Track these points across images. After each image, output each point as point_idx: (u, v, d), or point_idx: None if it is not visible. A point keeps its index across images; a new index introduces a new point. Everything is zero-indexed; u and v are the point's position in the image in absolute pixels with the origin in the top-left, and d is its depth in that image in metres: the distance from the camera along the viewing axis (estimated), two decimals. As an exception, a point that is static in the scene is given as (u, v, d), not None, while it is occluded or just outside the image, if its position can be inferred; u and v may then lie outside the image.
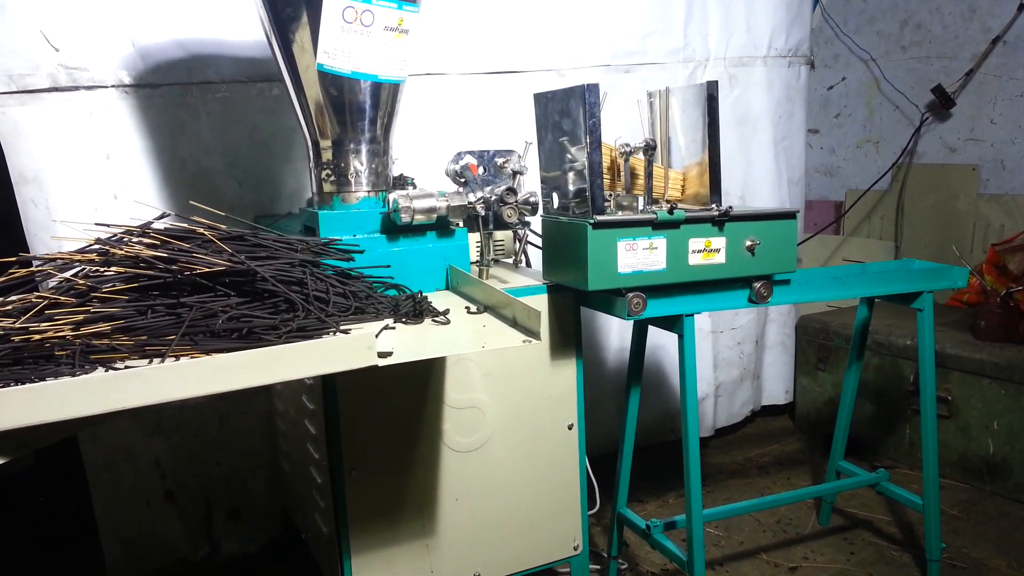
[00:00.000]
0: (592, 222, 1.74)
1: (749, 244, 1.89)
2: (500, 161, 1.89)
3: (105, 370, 1.28)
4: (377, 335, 1.47)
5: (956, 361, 2.86)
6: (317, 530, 2.01)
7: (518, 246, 1.94)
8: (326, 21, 1.66)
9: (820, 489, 2.55)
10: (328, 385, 1.73)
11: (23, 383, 1.19)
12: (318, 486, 1.93)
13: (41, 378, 1.24)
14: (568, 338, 1.98)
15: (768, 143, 3.28)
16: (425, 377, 1.81)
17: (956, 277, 2.18)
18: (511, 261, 2.03)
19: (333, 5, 1.65)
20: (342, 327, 1.48)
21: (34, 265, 1.51)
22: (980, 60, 3.68)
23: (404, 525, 1.84)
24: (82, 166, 2.21)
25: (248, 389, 1.27)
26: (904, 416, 3.08)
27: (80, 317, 1.39)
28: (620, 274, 1.79)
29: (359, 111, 1.77)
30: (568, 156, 1.82)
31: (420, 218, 1.75)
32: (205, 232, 1.56)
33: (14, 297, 1.46)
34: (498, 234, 2.06)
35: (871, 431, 3.19)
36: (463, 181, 1.87)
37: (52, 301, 1.42)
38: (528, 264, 2.24)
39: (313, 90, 1.75)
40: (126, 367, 1.27)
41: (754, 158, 3.28)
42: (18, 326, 1.31)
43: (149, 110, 2.27)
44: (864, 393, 3.14)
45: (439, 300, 1.71)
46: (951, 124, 3.84)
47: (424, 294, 1.66)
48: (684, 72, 3.11)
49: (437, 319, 1.56)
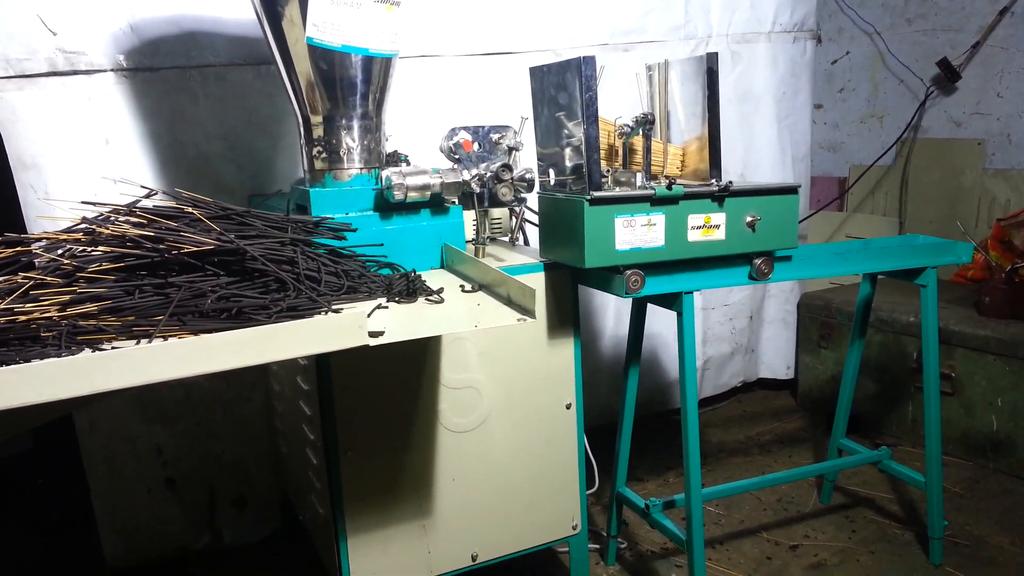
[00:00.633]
0: (589, 198, 1.71)
1: (749, 220, 1.86)
2: (495, 137, 1.86)
3: (92, 351, 1.26)
4: (369, 315, 1.45)
5: (960, 338, 2.84)
6: (314, 512, 2.00)
7: (514, 223, 1.91)
8: (316, -7, 1.63)
9: (822, 467, 2.54)
10: (322, 365, 1.71)
11: (7, 364, 1.17)
12: (314, 467, 1.92)
13: (26, 359, 1.22)
14: (566, 316, 1.96)
15: (771, 120, 3.24)
16: (421, 356, 1.79)
17: (960, 252, 2.15)
18: (508, 239, 2.00)
19: (323, -23, 1.61)
20: (334, 307, 1.46)
21: (23, 245, 1.49)
22: (987, 32, 3.62)
23: (400, 506, 1.83)
24: (81, 151, 2.18)
25: (249, 374, 1.25)
26: (907, 393, 3.06)
27: (66, 298, 1.37)
28: (618, 251, 1.76)
29: (350, 86, 1.74)
30: (565, 131, 1.78)
31: (413, 195, 1.72)
32: (192, 211, 1.54)
33: (1, 278, 1.44)
34: (495, 212, 2.04)
35: (874, 408, 3.18)
36: (457, 158, 1.84)
37: (38, 281, 1.39)
38: (526, 242, 2.22)
39: (303, 65, 1.72)
40: (113, 348, 1.25)
41: (756, 135, 3.25)
42: (3, 307, 1.29)
43: (148, 94, 2.23)
44: (867, 370, 3.12)
45: (433, 279, 1.69)
46: (956, 98, 3.79)
47: (418, 273, 1.64)
48: (685, 50, 3.06)
49: (431, 298, 1.54)
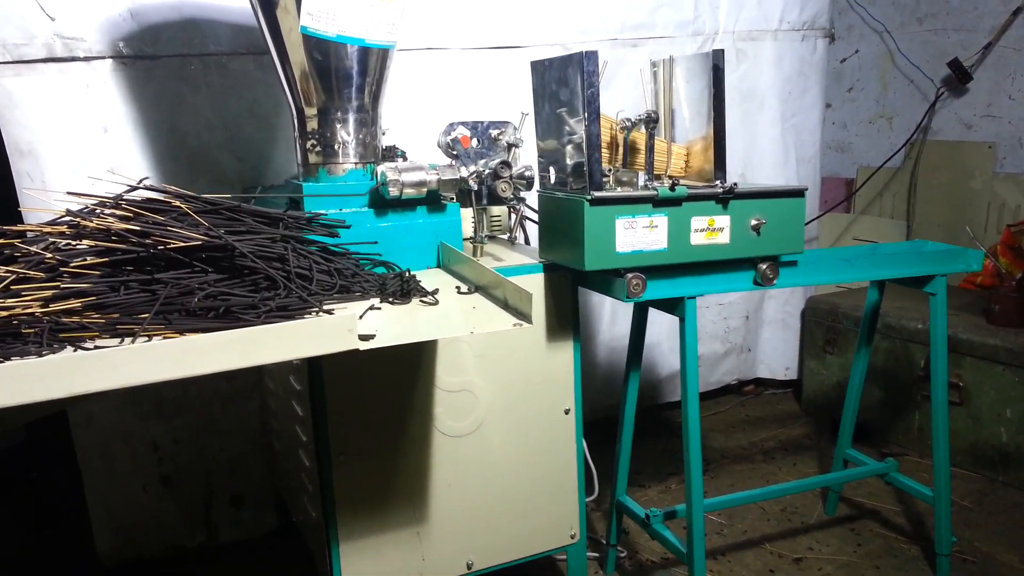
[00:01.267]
0: (589, 198, 1.68)
1: (755, 223, 1.83)
2: (495, 133, 1.83)
3: (74, 349, 1.23)
4: (361, 316, 1.42)
5: (968, 346, 2.80)
6: (306, 515, 1.96)
7: (513, 222, 1.88)
8: (311, -18, 1.60)
9: (826, 479, 2.50)
10: (314, 366, 1.68)
11: (-15, 362, 1.13)
12: (306, 469, 1.89)
13: (6, 357, 1.19)
14: (565, 320, 1.92)
15: (775, 120, 3.21)
16: (415, 359, 1.76)
17: (970, 260, 2.12)
18: (507, 237, 1.97)
19: (318, -34, 1.58)
20: (325, 307, 1.43)
21: (5, 237, 1.45)
22: (999, 33, 3.58)
23: (394, 511, 1.79)
24: (79, 139, 2.16)
25: (250, 371, 1.22)
26: (914, 402, 3.02)
27: (49, 293, 1.34)
28: (619, 253, 1.73)
29: (346, 78, 1.71)
30: (566, 128, 1.75)
31: (409, 192, 1.69)
32: (180, 204, 1.51)
33: (-19, 272, 1.40)
34: (494, 209, 2.01)
35: (880, 417, 3.14)
36: (455, 154, 1.81)
37: (20, 276, 1.36)
38: (527, 241, 2.18)
39: (297, 55, 1.69)
40: (96, 347, 1.22)
41: (759, 135, 3.22)
42: (-19, 302, 1.26)
43: (148, 82, 2.20)
44: (873, 378, 3.08)
45: (429, 279, 1.66)
46: (967, 100, 3.76)
47: (413, 272, 1.61)
48: (693, 46, 3.04)
49: (425, 299, 1.51)
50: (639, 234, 1.74)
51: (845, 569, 2.32)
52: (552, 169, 1.84)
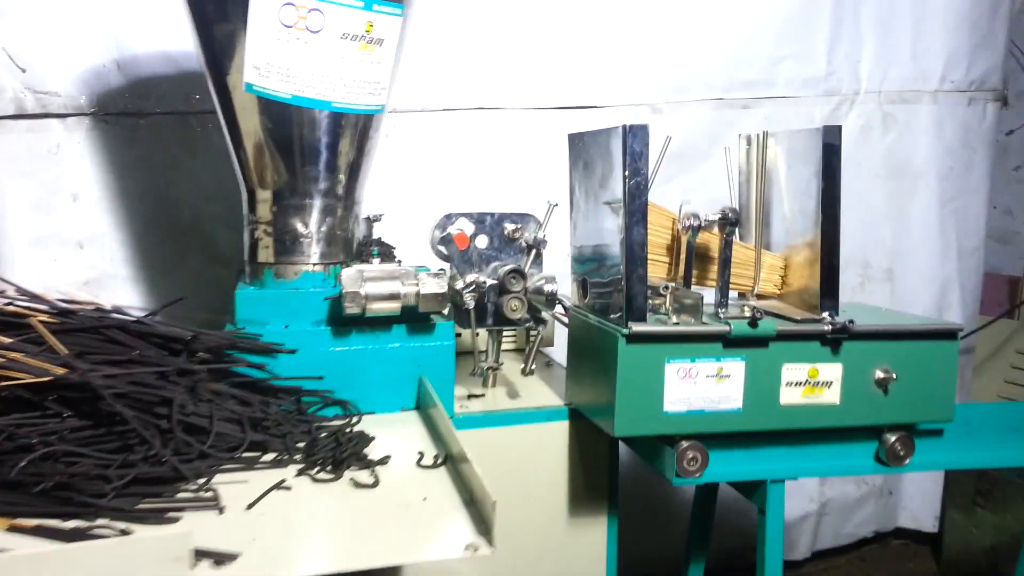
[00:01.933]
0: (626, 332, 1.17)
1: (881, 376, 1.27)
2: (510, 229, 1.35)
3: None
4: (251, 505, 0.97)
5: None
6: None
7: (530, 351, 1.38)
8: (255, 24, 1.19)
9: None
10: None
11: None
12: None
13: None
14: (596, 486, 1.42)
15: (932, 203, 2.59)
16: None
17: None
18: (522, 370, 1.44)
19: (265, 2, 1.17)
20: (217, 478, 0.99)
21: None
22: None
23: None
24: (44, 208, 1.83)
25: None
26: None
27: None
28: (668, 414, 1.21)
29: (309, 151, 1.28)
30: (606, 227, 1.25)
31: (377, 308, 1.23)
32: (39, 321, 1.10)
33: None
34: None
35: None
36: (447, 256, 1.34)
37: None
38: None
39: (248, 120, 1.28)
40: None
41: (911, 221, 2.60)
42: None
43: (133, 143, 1.86)
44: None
45: (393, 431, 1.21)
46: None
47: (378, 415, 1.15)
48: (824, 109, 2.47)
49: (362, 480, 1.04)
50: (701, 386, 1.22)
51: None
52: (587, 280, 1.34)
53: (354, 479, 1.07)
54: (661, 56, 2.25)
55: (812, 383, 1.27)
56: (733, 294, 1.46)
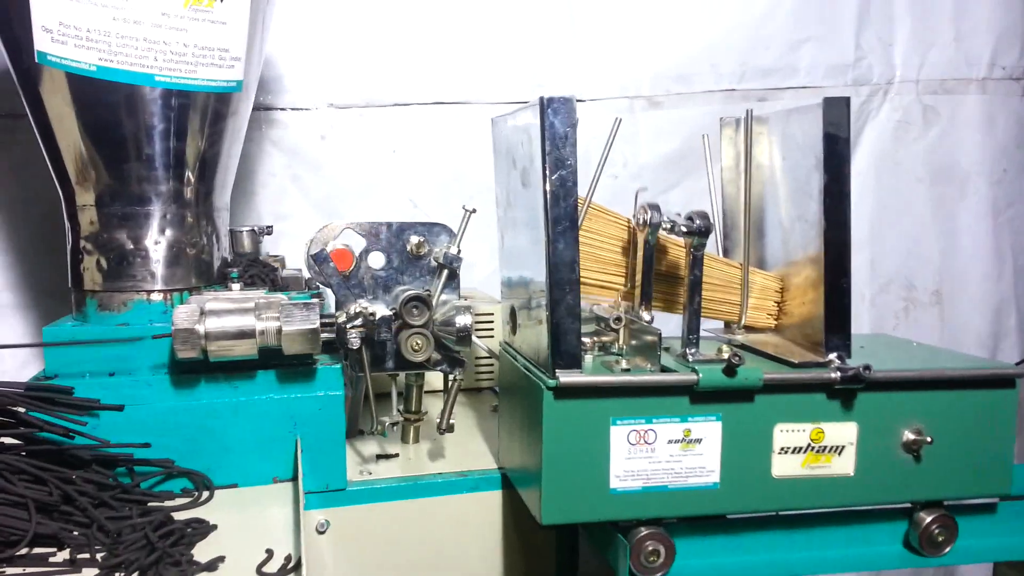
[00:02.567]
0: (552, 384, 0.86)
1: (911, 439, 0.96)
2: (415, 243, 1.04)
3: None
4: None
5: None
6: None
7: (447, 403, 1.08)
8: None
9: None
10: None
11: None
12: None
13: None
14: (542, 574, 1.09)
15: (984, 211, 2.27)
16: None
17: None
18: (438, 426, 1.12)
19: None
20: None
21: None
22: None
23: None
24: None
25: None
26: None
27: None
28: (616, 493, 0.90)
29: (133, 142, 1.00)
30: (531, 240, 0.95)
31: (222, 351, 0.94)
32: None
33: None
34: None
35: None
36: (324, 281, 1.04)
37: None
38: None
39: (53, 102, 1.00)
40: None
41: (960, 233, 2.28)
42: None
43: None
44: None
45: (255, 511, 0.95)
46: None
47: (240, 490, 0.88)
48: (853, 102, 2.14)
49: None
50: (662, 455, 0.91)
51: None
52: (516, 312, 1.04)
53: (161, 592, 0.78)
54: (660, 39, 1.97)
55: (816, 449, 0.95)
56: (717, 324, 1.15)
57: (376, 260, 1.05)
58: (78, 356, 0.98)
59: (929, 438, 0.95)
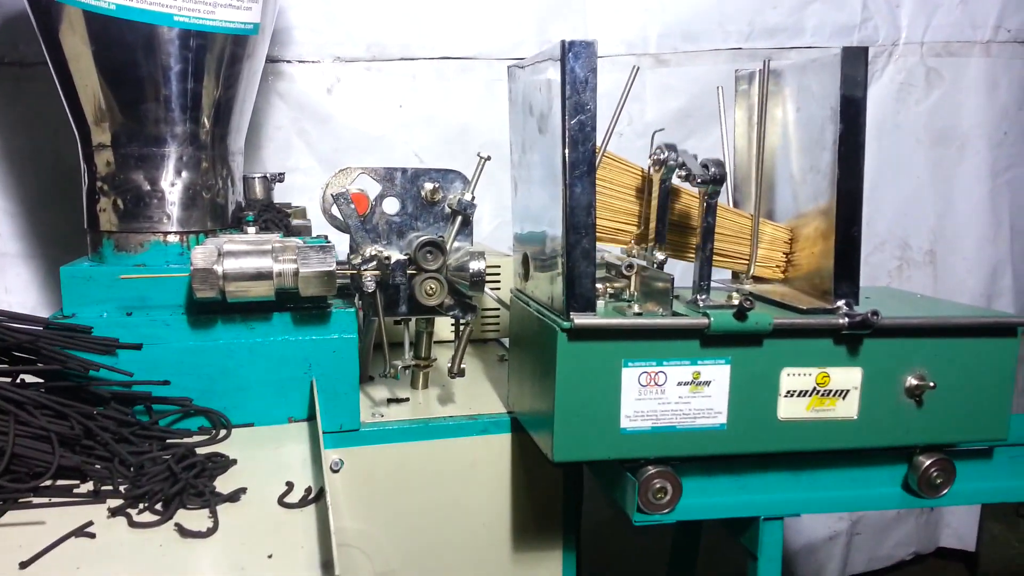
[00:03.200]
0: (567, 326, 0.88)
1: (914, 384, 0.98)
2: (429, 188, 1.05)
3: None
4: (29, 562, 0.71)
5: None
6: None
7: (458, 347, 1.09)
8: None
9: None
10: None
11: None
12: None
13: None
14: (549, 515, 1.13)
15: (983, 173, 2.28)
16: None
17: None
18: (449, 370, 1.14)
19: None
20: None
21: None
22: None
23: None
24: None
25: None
26: None
27: None
28: (626, 433, 0.92)
29: (151, 83, 1.00)
30: (547, 186, 0.96)
31: (240, 291, 0.95)
32: None
33: None
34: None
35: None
36: (342, 223, 1.05)
37: None
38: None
39: (71, 42, 0.99)
40: None
41: (957, 194, 2.29)
42: None
43: (16, 97, 1.59)
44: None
45: (272, 448, 0.99)
46: None
47: (255, 429, 0.90)
48: (859, 62, 2.14)
49: (193, 526, 0.77)
50: (672, 397, 0.93)
51: None
52: (529, 259, 1.05)
53: (181, 525, 0.79)
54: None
55: (822, 392, 0.97)
56: (725, 274, 1.16)
57: (391, 206, 1.06)
58: (96, 295, 0.99)
59: (932, 383, 0.97)
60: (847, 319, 0.95)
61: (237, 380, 1.02)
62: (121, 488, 0.86)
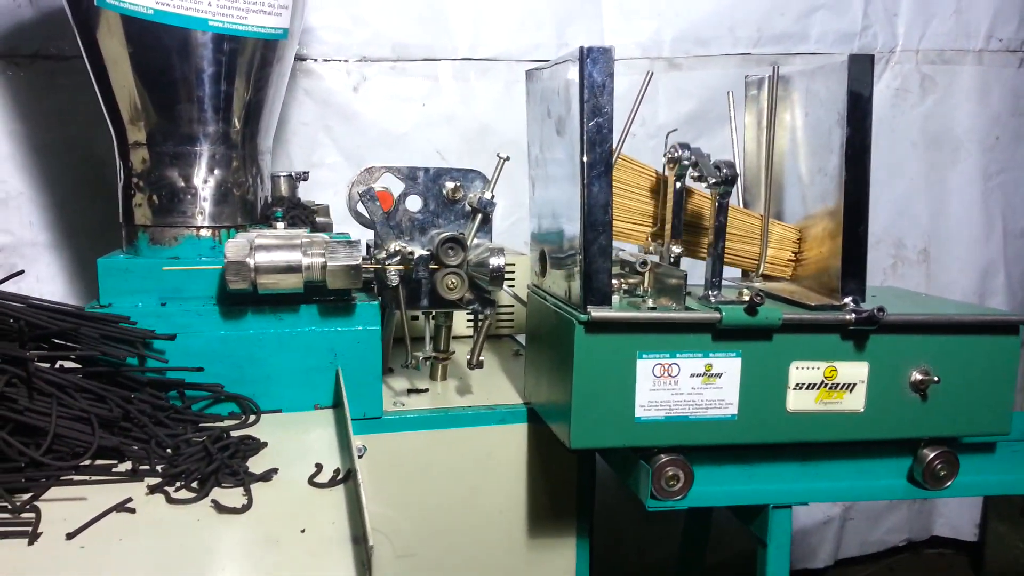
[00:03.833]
0: (584, 319, 0.89)
1: (919, 378, 0.99)
2: (450, 187, 1.06)
3: None
4: (74, 534, 0.72)
5: None
6: None
7: (477, 340, 1.10)
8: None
9: None
10: None
11: None
12: None
13: None
14: (563, 502, 1.14)
15: (974, 176, 2.29)
16: None
17: None
18: (468, 361, 1.15)
19: None
20: (31, 498, 0.75)
21: None
22: None
23: None
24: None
25: None
26: None
27: None
28: (640, 422, 0.93)
29: (185, 85, 1.01)
30: (565, 185, 0.97)
31: (271, 283, 0.96)
32: None
33: None
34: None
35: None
36: (367, 220, 1.06)
37: None
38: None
39: (109, 44, 1.01)
40: None
41: (950, 196, 2.30)
42: None
43: (50, 91, 1.60)
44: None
45: (300, 433, 1.00)
46: None
47: (284, 415, 0.91)
48: (855, 68, 2.14)
49: (229, 502, 0.78)
50: (684, 388, 0.94)
51: None
52: (547, 256, 1.06)
53: (217, 501, 0.81)
54: (682, 2, 1.97)
55: (829, 386, 0.98)
56: (735, 272, 1.17)
57: (413, 203, 1.07)
58: (132, 286, 1.00)
59: (936, 378, 0.98)
60: (854, 315, 0.96)
61: (266, 368, 1.03)
62: (158, 468, 0.87)
